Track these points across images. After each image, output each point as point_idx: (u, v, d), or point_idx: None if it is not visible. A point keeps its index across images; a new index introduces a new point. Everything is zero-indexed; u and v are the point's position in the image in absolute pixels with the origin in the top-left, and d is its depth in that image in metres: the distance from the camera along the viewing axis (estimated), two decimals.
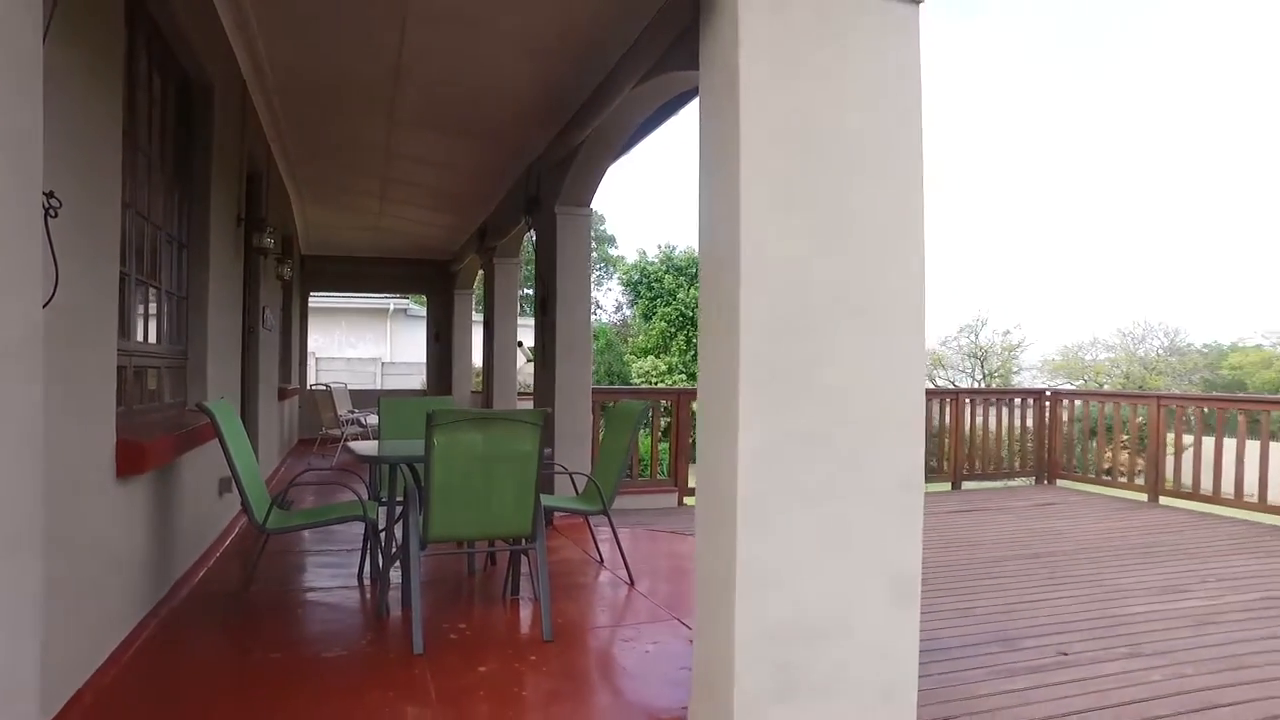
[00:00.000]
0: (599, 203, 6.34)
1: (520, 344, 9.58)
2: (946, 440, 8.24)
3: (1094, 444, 8.75)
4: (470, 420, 3.60)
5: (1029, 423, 8.59)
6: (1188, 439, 8.08)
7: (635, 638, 3.72)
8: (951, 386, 28.95)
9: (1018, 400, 8.82)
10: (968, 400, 8.46)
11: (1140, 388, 31.00)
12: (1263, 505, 6.66)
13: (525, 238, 8.55)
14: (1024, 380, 34.18)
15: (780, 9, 2.46)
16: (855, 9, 2.56)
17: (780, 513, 2.42)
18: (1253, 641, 3.63)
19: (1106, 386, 32.61)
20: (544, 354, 6.41)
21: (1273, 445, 6.70)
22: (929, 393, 9.13)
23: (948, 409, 8.26)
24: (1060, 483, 8.46)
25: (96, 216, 2.83)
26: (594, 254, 34.12)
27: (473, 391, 12.65)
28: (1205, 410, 7.81)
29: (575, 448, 6.10)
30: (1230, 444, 6.95)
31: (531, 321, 7.01)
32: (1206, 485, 7.25)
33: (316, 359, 18.78)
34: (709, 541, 2.60)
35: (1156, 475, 7.51)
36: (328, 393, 10.37)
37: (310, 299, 13.42)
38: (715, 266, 2.58)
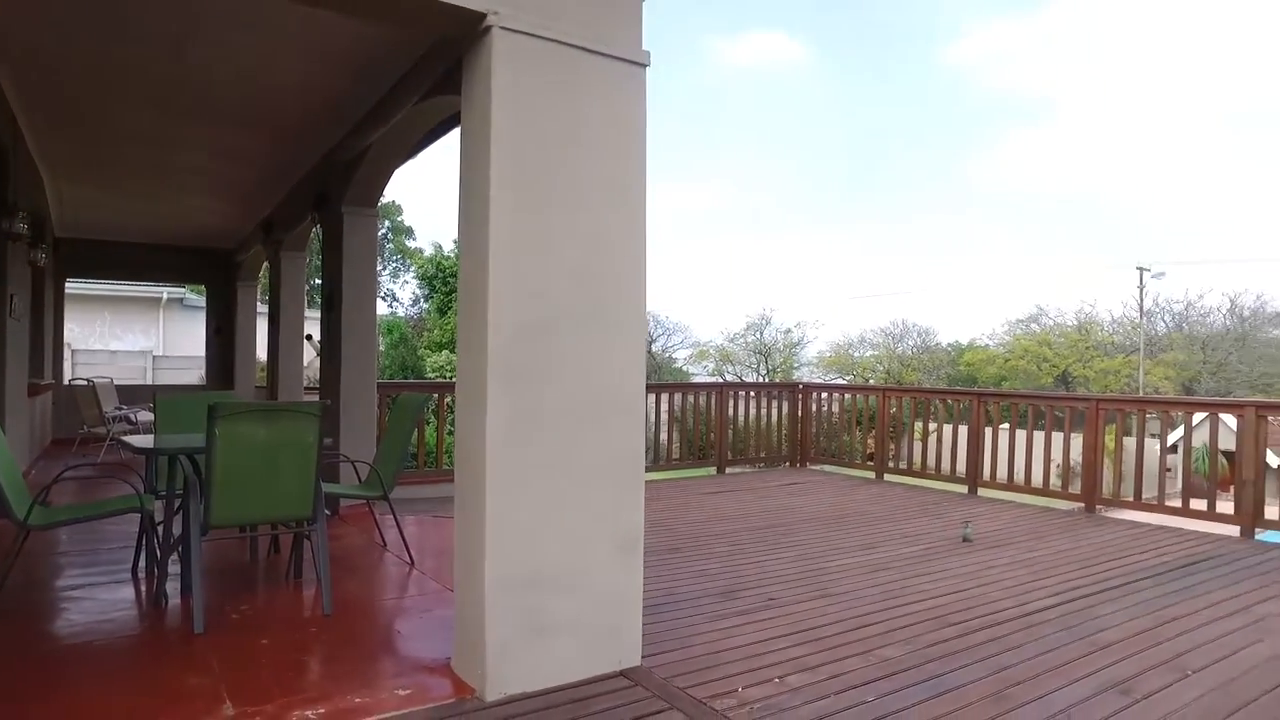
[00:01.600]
0: (398, 193, 6.58)
1: (309, 337, 9.48)
2: (713, 429, 9.19)
3: (841, 431, 10.09)
4: (252, 412, 3.81)
5: (784, 412, 9.76)
6: (931, 425, 9.56)
7: (412, 608, 4.11)
8: (718, 380, 30.93)
9: (776, 393, 9.98)
10: (731, 393, 9.49)
11: (899, 382, 34.92)
12: (952, 476, 8.13)
13: (313, 232, 8.52)
14: (803, 375, 37.41)
15: (529, 66, 2.97)
16: (594, 70, 3.12)
17: (522, 481, 2.95)
18: (906, 580, 4.65)
19: (872, 380, 36.41)
20: (330, 349, 6.55)
21: (963, 427, 8.16)
22: (698, 386, 10.17)
23: (714, 400, 9.22)
24: (811, 465, 9.70)
25: None
26: (390, 245, 33.17)
27: (257, 386, 12.19)
28: (917, 400, 9.31)
29: (360, 438, 6.31)
30: (941, 428, 8.40)
31: (320, 314, 7.08)
32: (918, 462, 8.69)
33: (73, 351, 17.08)
34: (464, 507, 3.07)
35: (881, 456, 8.88)
36: (90, 388, 9.67)
37: (67, 285, 12.31)
38: (470, 277, 3.05)
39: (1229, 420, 6.86)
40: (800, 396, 9.77)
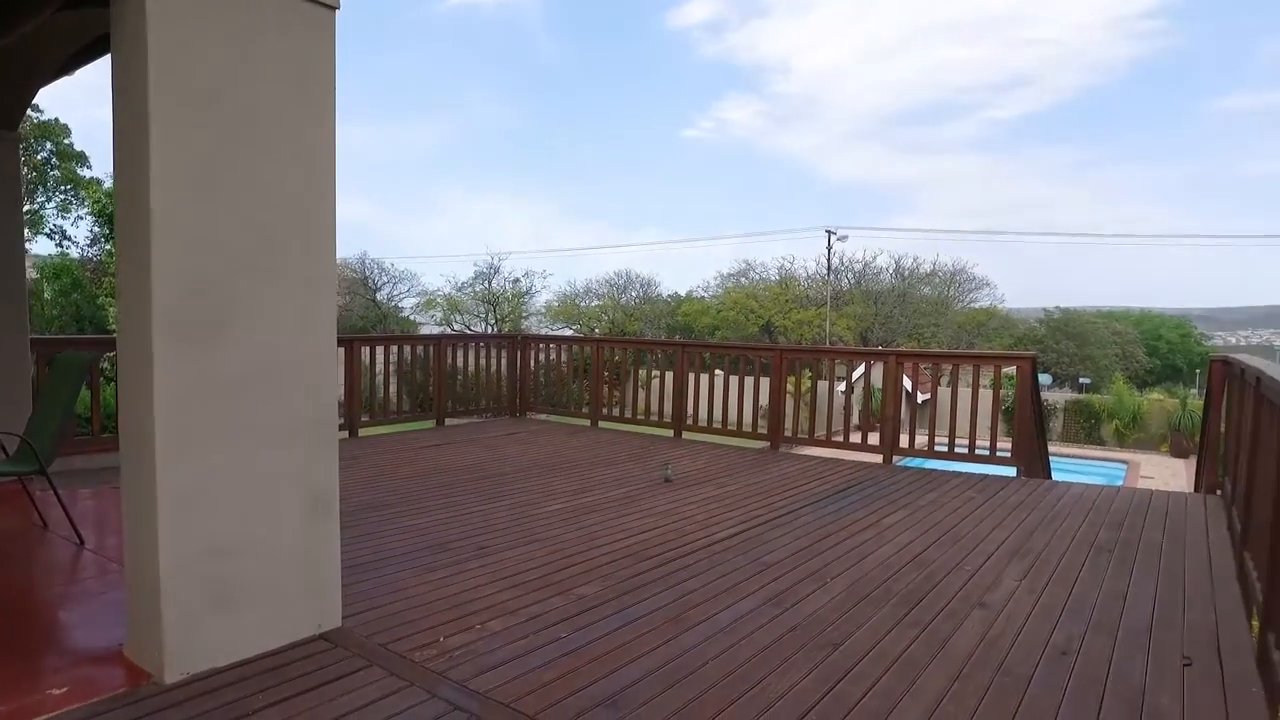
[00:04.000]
0: (64, 112, 5.59)
1: None
2: (431, 380, 9.06)
3: (559, 380, 10.43)
4: None
5: (505, 363, 9.86)
6: (651, 373, 10.13)
7: (80, 593, 3.69)
8: (438, 332, 30.55)
9: (496, 344, 10.04)
10: (450, 345, 9.40)
11: (622, 331, 36.58)
12: (660, 422, 8.81)
13: None
14: (532, 324, 37.85)
15: None
16: (275, 6, 2.89)
17: (199, 446, 2.75)
18: (611, 521, 5.01)
19: (597, 330, 37.79)
20: None
21: (669, 374, 8.83)
22: (415, 338, 10.00)
23: (431, 352, 9.08)
24: (532, 415, 9.93)
25: None
26: (56, 173, 28.13)
27: None
28: (628, 350, 9.88)
29: (8, 406, 5.42)
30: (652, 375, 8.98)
31: None
32: (630, 410, 9.26)
33: None
34: (132, 477, 2.80)
35: (596, 404, 9.34)
36: None
37: None
38: (129, 226, 2.73)
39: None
40: (520, 348, 9.93)
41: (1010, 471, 6.77)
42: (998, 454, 6.92)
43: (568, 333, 36.13)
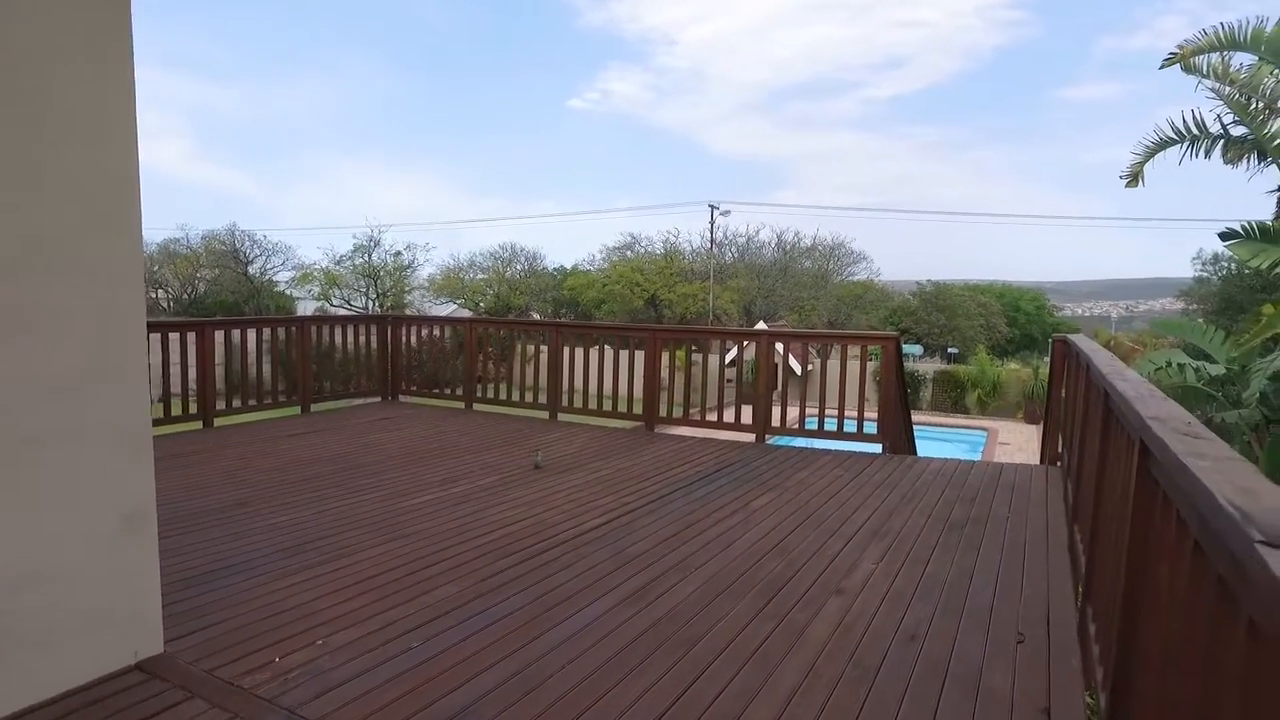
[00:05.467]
0: None
1: None
2: (295, 365, 8.57)
3: (431, 361, 10.08)
4: None
5: (375, 345, 9.42)
6: (531, 350, 9.87)
7: None
8: (305, 314, 29.21)
9: (365, 325, 9.56)
10: (315, 326, 8.89)
11: (507, 306, 35.98)
12: (536, 404, 8.66)
13: None
14: (415, 298, 36.67)
15: None
16: None
17: None
18: (479, 512, 4.84)
19: (482, 304, 37.02)
20: None
21: (543, 352, 8.68)
22: (277, 320, 9.43)
23: (295, 334, 8.56)
24: (403, 398, 9.55)
25: None
26: None
27: None
28: (503, 330, 9.65)
29: None
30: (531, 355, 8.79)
31: None
32: (504, 393, 9.06)
33: None
34: None
35: (470, 386, 9.08)
36: None
37: None
38: None
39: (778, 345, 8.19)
40: (390, 328, 9.52)
41: (877, 448, 7.00)
42: (865, 430, 7.14)
43: (446, 310, 35.20)
